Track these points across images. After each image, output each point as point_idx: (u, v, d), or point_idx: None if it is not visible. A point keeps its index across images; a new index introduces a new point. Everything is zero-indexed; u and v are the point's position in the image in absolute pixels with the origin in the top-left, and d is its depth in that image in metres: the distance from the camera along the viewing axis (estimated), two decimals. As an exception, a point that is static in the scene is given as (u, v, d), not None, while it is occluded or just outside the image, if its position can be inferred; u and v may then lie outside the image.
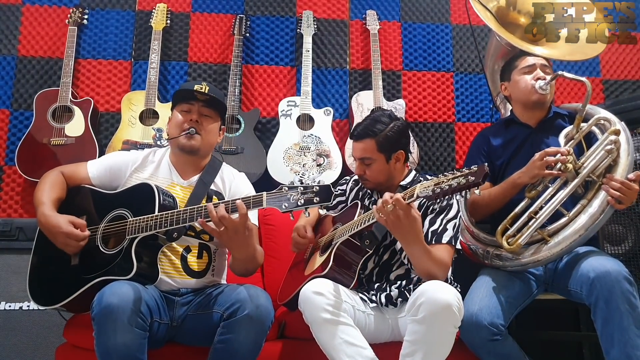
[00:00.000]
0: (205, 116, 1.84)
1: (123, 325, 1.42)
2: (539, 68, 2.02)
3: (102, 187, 1.84)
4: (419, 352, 1.52)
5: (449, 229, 1.74)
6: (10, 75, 2.85)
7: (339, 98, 3.02)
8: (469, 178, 1.40)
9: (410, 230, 1.57)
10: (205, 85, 1.82)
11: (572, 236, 1.72)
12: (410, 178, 1.93)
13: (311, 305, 1.59)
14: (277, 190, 1.51)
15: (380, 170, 1.87)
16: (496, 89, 2.47)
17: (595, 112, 1.92)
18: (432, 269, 1.63)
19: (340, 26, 3.12)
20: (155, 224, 1.61)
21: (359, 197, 2.00)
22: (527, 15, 2.31)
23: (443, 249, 1.70)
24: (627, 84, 3.16)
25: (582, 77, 1.87)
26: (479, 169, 1.40)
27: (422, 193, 1.47)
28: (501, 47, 2.32)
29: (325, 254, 1.81)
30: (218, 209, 1.54)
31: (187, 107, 1.83)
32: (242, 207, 1.53)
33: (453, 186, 1.42)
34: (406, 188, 1.85)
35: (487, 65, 2.50)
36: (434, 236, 1.73)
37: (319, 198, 1.47)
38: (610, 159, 1.77)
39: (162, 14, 2.90)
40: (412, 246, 1.62)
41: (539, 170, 1.79)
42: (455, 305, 1.51)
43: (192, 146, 1.82)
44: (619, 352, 1.55)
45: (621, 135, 1.81)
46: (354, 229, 1.73)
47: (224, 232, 1.55)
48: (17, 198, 2.70)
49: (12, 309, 2.18)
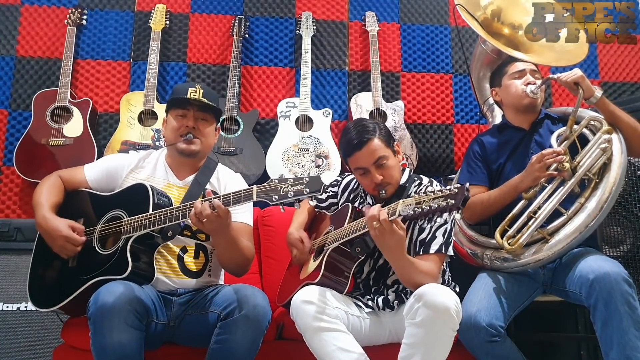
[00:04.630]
0: (201, 120, 1.85)
1: (119, 323, 1.42)
2: (528, 73, 2.06)
3: (100, 190, 1.85)
4: (417, 355, 1.51)
5: (438, 237, 1.71)
6: (9, 76, 2.85)
7: (338, 99, 3.02)
8: (449, 201, 1.38)
9: (395, 246, 1.56)
10: (200, 88, 1.82)
11: (572, 234, 1.73)
12: (406, 176, 1.90)
13: (302, 314, 1.59)
14: (268, 183, 1.51)
15: (394, 166, 1.82)
16: (482, 97, 2.53)
17: (586, 113, 1.96)
18: (419, 281, 1.61)
19: (340, 27, 3.12)
20: (149, 223, 1.61)
21: (350, 200, 1.99)
22: (509, 27, 2.42)
23: (431, 260, 1.68)
24: (626, 86, 3.16)
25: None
26: (459, 191, 1.38)
27: (403, 211, 1.47)
28: (486, 54, 2.40)
29: (317, 260, 1.81)
30: (203, 205, 1.54)
31: (182, 112, 1.83)
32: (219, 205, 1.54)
33: (433, 208, 1.41)
34: (404, 187, 1.86)
35: (473, 73, 2.56)
36: (421, 246, 1.72)
37: (308, 189, 1.46)
38: (605, 157, 1.80)
39: (161, 14, 2.90)
40: (397, 261, 1.62)
41: (539, 173, 1.80)
42: (453, 308, 1.50)
43: (191, 151, 1.83)
44: (619, 354, 1.55)
45: (614, 134, 1.85)
46: (345, 236, 1.72)
47: (207, 222, 1.55)
48: (16, 198, 2.70)
49: (10, 309, 2.17)
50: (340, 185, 2.06)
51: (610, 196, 1.74)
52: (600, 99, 1.87)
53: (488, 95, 2.46)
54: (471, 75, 2.58)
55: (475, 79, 2.54)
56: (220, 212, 1.53)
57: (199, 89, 1.81)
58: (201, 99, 1.81)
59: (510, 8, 2.43)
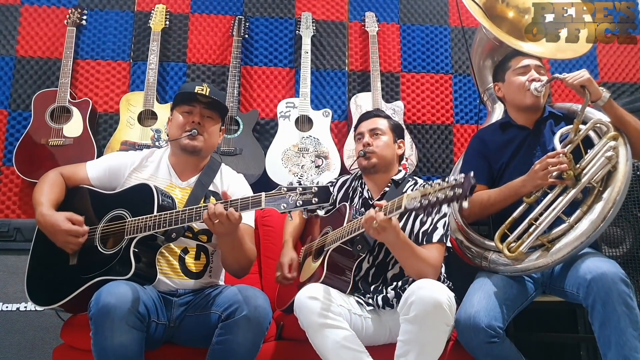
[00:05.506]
0: (207, 117, 1.84)
1: (120, 325, 1.42)
2: (533, 69, 2.00)
3: (102, 187, 1.84)
4: (412, 352, 1.53)
5: (439, 228, 1.80)
6: (9, 76, 2.85)
7: (337, 100, 3.02)
8: (456, 190, 1.37)
9: (396, 237, 1.63)
10: (207, 86, 1.82)
11: (574, 242, 1.71)
12: (401, 174, 1.98)
13: (306, 310, 1.59)
14: (276, 191, 1.52)
15: (388, 145, 1.97)
16: (483, 85, 2.45)
17: (592, 115, 1.91)
18: (422, 269, 1.68)
19: (339, 28, 3.12)
20: (154, 224, 1.61)
21: (348, 197, 2.01)
22: (515, 10, 2.30)
23: (433, 249, 1.76)
24: (625, 86, 3.17)
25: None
26: (465, 179, 1.37)
27: (409, 205, 1.48)
28: (487, 41, 2.30)
29: (318, 261, 1.81)
30: (217, 207, 1.55)
31: (189, 108, 1.83)
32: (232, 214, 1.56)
33: (440, 198, 1.40)
34: (398, 183, 1.93)
35: (473, 61, 2.48)
36: (424, 236, 1.79)
37: (317, 199, 1.48)
38: (610, 165, 1.75)
39: (161, 14, 2.90)
40: (400, 251, 1.68)
41: (542, 181, 1.77)
42: (445, 303, 1.52)
43: (194, 146, 1.82)
44: (617, 354, 1.55)
45: (620, 140, 1.80)
46: (345, 235, 1.73)
47: (217, 224, 1.56)
48: (15, 199, 2.70)
49: (10, 309, 2.18)
50: (335, 185, 2.10)
51: (613, 206, 1.71)
52: (607, 101, 1.81)
53: (489, 83, 2.41)
54: (471, 61, 2.49)
55: (475, 66, 2.46)
56: (233, 217, 1.54)
57: (206, 87, 1.82)
58: (208, 95, 1.81)
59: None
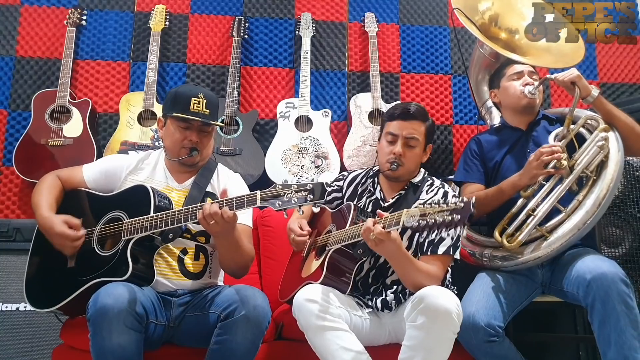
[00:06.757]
0: (204, 132, 1.82)
1: (118, 326, 1.42)
2: (526, 74, 2.09)
3: (98, 190, 1.85)
4: (417, 358, 1.52)
5: (446, 238, 1.73)
6: (9, 76, 2.85)
7: (337, 100, 3.02)
8: (454, 216, 1.38)
9: (394, 251, 1.60)
10: (202, 97, 1.77)
11: (571, 231, 1.75)
12: (420, 176, 1.92)
13: (305, 312, 1.59)
14: (271, 188, 1.52)
15: (418, 156, 1.88)
16: (481, 100, 2.55)
17: (583, 113, 1.98)
18: (421, 282, 1.63)
19: (339, 28, 3.12)
20: (151, 225, 1.61)
21: (357, 194, 1.98)
22: (506, 31, 2.47)
23: (437, 261, 1.70)
24: (625, 86, 3.17)
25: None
26: (465, 206, 1.38)
27: (407, 222, 1.48)
28: (484, 57, 2.44)
29: (319, 259, 1.81)
30: (212, 207, 1.55)
31: (185, 124, 1.79)
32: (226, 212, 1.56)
33: (438, 222, 1.41)
34: (417, 186, 1.88)
35: (471, 77, 2.59)
36: (430, 246, 1.74)
37: (312, 196, 1.47)
38: (603, 154, 1.82)
39: (160, 15, 2.90)
40: (398, 264, 1.65)
41: (537, 171, 1.81)
42: (454, 311, 1.51)
43: (194, 162, 1.83)
44: (616, 354, 1.56)
45: (610, 132, 1.87)
46: (346, 240, 1.72)
47: (213, 224, 1.56)
48: (15, 199, 2.70)
49: (9, 309, 2.18)
50: (346, 179, 2.05)
51: (607, 193, 1.76)
52: (597, 98, 1.89)
53: (486, 98, 2.48)
54: (469, 78, 2.61)
55: (473, 82, 2.57)
56: (227, 216, 1.54)
57: (201, 99, 1.77)
58: (204, 112, 1.77)
59: (507, 13, 2.47)
